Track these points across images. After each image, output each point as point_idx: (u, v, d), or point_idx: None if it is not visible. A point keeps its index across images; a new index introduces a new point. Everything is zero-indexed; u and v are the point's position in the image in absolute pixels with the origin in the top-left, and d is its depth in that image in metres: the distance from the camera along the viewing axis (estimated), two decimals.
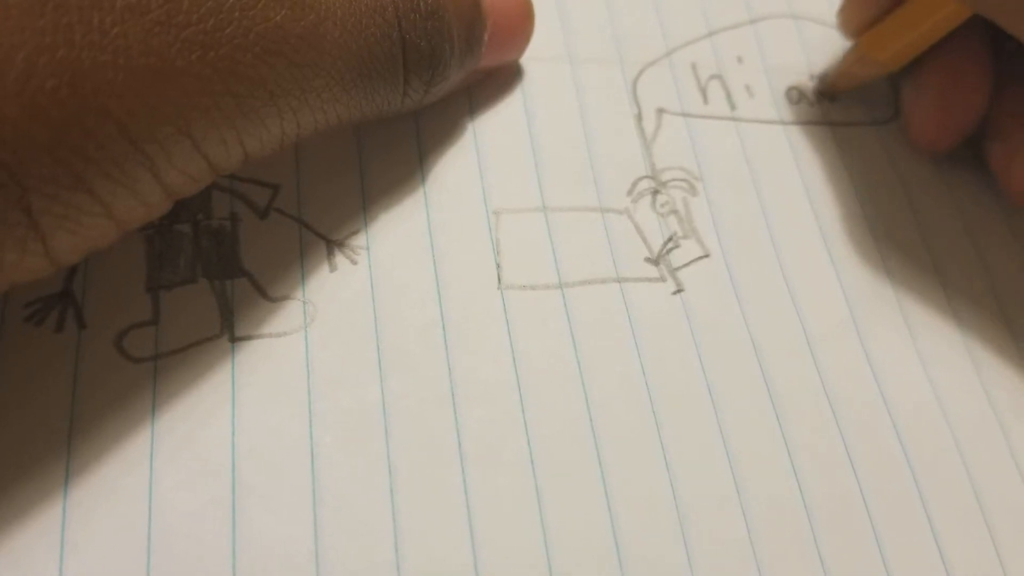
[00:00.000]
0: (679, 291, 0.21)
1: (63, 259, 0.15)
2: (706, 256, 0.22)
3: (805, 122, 0.25)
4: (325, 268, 0.20)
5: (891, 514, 0.20)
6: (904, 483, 0.20)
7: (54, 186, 0.13)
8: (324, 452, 0.18)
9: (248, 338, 0.19)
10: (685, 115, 0.24)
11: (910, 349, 0.22)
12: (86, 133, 0.13)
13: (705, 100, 0.25)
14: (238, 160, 0.16)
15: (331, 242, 0.20)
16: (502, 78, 0.23)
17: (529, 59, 0.24)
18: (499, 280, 0.21)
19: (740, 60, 0.26)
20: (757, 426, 0.20)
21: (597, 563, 0.18)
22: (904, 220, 0.24)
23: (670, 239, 0.22)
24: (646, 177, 0.23)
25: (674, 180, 0.23)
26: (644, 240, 0.22)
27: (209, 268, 0.19)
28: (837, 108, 0.26)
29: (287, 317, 0.19)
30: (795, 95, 0.26)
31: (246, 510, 0.17)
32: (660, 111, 0.24)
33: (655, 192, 0.23)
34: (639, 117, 0.24)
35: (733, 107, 0.25)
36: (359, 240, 0.20)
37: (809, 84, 0.26)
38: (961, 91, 0.24)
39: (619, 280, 0.21)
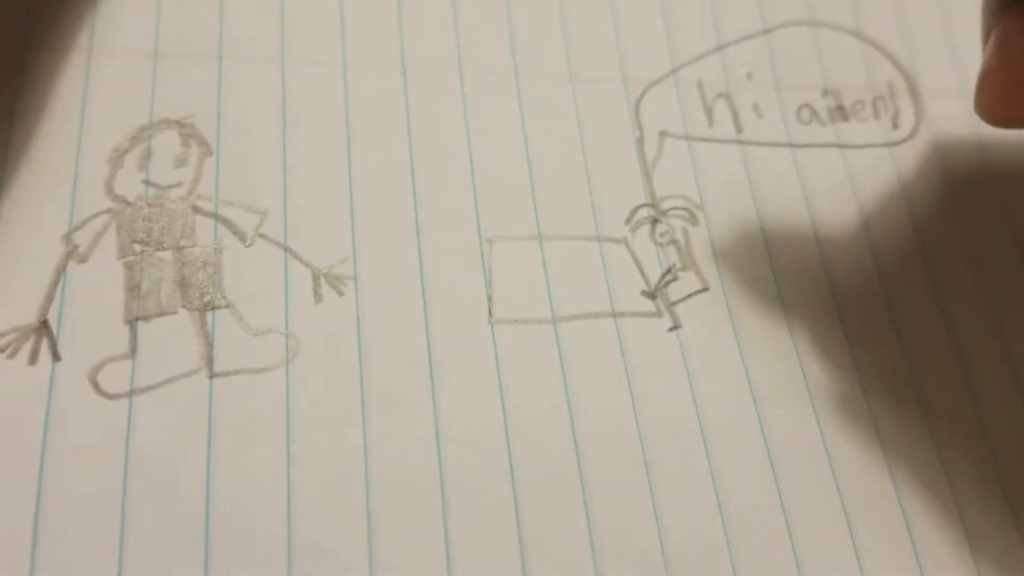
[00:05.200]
0: (676, 327, 0.21)
1: None
2: (705, 290, 0.21)
3: (815, 144, 0.24)
4: (310, 299, 0.19)
5: (884, 564, 0.19)
6: (902, 546, 0.19)
7: None
8: (301, 499, 0.17)
9: (227, 374, 0.18)
10: (688, 138, 0.23)
11: (912, 403, 0.21)
12: None
13: (710, 122, 0.24)
14: None
15: (317, 272, 0.20)
16: (497, 96, 0.23)
17: (528, 76, 0.23)
18: (490, 313, 0.20)
19: (750, 76, 0.25)
20: (751, 475, 0.19)
21: None
22: (910, 255, 0.23)
23: (668, 271, 0.21)
24: (645, 205, 0.22)
25: (674, 208, 0.22)
26: (641, 272, 0.21)
27: (190, 299, 0.19)
28: (850, 129, 0.25)
29: (269, 351, 0.19)
30: (807, 114, 0.25)
31: (220, 560, 0.17)
32: (662, 134, 0.23)
33: (654, 221, 0.22)
34: (640, 141, 0.23)
35: (739, 129, 0.24)
36: (346, 269, 0.20)
37: (822, 101, 0.25)
38: None
39: (614, 315, 0.20)
